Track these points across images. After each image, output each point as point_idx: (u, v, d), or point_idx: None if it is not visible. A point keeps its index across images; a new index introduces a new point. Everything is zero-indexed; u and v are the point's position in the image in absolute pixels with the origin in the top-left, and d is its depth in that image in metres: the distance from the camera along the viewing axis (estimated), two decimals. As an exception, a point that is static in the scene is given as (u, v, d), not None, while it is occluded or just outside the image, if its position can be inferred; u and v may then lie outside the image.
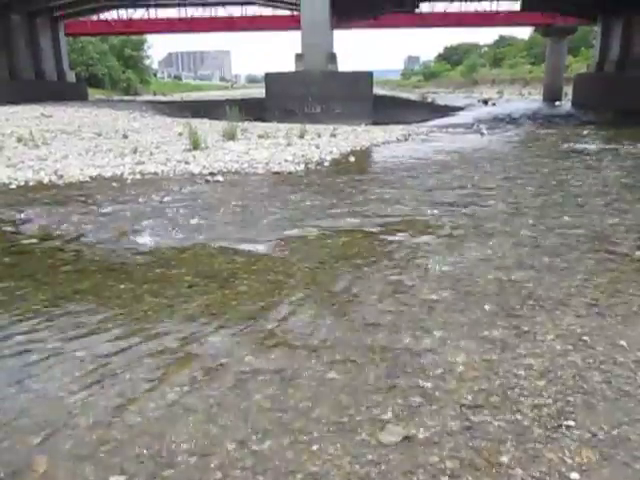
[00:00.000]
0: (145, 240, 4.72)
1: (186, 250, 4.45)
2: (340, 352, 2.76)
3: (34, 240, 4.79)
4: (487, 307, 3.29)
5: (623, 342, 2.84)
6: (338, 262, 4.11)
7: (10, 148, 10.05)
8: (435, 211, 5.67)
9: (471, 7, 37.06)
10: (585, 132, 14.65)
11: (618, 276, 3.79)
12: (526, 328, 3.01)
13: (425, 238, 4.70)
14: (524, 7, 30.51)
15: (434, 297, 3.44)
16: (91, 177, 7.67)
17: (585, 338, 2.89)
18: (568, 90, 35.89)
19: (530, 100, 40.97)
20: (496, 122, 19.04)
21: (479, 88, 64.59)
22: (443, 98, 40.98)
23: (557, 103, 35.14)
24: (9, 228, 5.19)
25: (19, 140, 10.85)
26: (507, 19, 38.14)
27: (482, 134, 14.18)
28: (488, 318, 3.14)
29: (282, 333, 2.97)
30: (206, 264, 4.11)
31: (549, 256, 4.21)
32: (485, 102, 36.65)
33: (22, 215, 5.61)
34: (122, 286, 3.68)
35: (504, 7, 36.63)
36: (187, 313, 3.25)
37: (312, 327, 3.04)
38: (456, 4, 35.99)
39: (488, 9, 37.12)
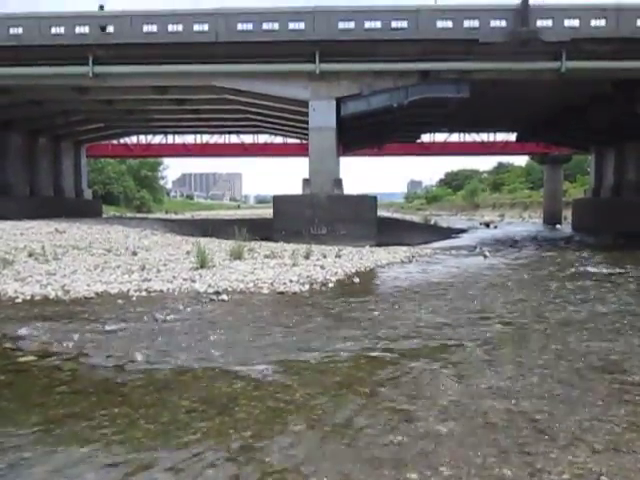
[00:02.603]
0: (145, 360, 4.63)
1: (186, 372, 4.35)
2: (342, 490, 2.59)
3: (32, 357, 4.71)
4: (497, 441, 3.13)
5: (645, 484, 2.65)
6: (341, 389, 3.98)
7: (21, 262, 10.22)
8: (441, 335, 5.59)
9: (470, 137, 39.35)
10: (587, 255, 14.84)
11: (634, 409, 3.63)
12: (540, 465, 2.83)
13: (431, 364, 4.59)
14: (519, 139, 32.51)
15: (441, 429, 3.29)
16: (97, 293, 7.72)
17: (604, 478, 2.70)
18: (567, 214, 36.96)
19: (531, 223, 42.06)
20: (499, 244, 19.39)
21: (480, 211, 66.57)
22: (446, 221, 42.14)
23: (558, 226, 36.05)
24: (9, 344, 5.13)
25: (30, 255, 11.06)
26: (504, 148, 40.32)
27: (485, 256, 14.37)
28: (498, 453, 2.97)
29: (281, 466, 2.81)
30: (205, 388, 3.99)
31: (560, 385, 4.07)
32: (487, 225, 37.62)
33: (23, 331, 5.56)
34: (117, 410, 3.55)
35: (501, 138, 38.90)
36: (182, 441, 3.10)
37: (313, 460, 2.88)
38: (456, 135, 38.24)
39: (486, 139, 39.35)
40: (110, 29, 17.51)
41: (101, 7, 19.64)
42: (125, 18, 17.48)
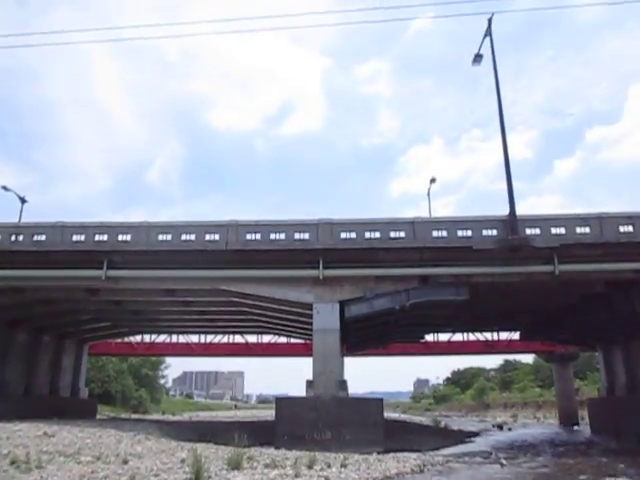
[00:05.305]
0: None
1: None
2: None
3: None
4: None
5: None
6: None
7: (0, 471, 9.53)
8: None
9: (473, 336, 39.35)
10: (614, 462, 13.82)
11: None
12: None
13: None
14: (523, 337, 32.50)
15: None
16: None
17: None
18: (583, 413, 35.30)
19: (547, 424, 39.99)
20: (515, 450, 18.23)
21: (492, 412, 63.65)
22: (456, 422, 40.20)
23: (575, 428, 34.18)
24: None
25: (13, 462, 10.36)
26: (509, 347, 40.05)
27: (502, 464, 13.47)
28: None
29: None
30: None
31: None
32: (500, 427, 35.82)
33: None
34: None
35: (505, 336, 38.88)
36: None
37: None
38: (459, 334, 38.32)
39: (490, 338, 39.31)
40: (127, 237, 18.81)
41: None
42: (142, 229, 18.91)
